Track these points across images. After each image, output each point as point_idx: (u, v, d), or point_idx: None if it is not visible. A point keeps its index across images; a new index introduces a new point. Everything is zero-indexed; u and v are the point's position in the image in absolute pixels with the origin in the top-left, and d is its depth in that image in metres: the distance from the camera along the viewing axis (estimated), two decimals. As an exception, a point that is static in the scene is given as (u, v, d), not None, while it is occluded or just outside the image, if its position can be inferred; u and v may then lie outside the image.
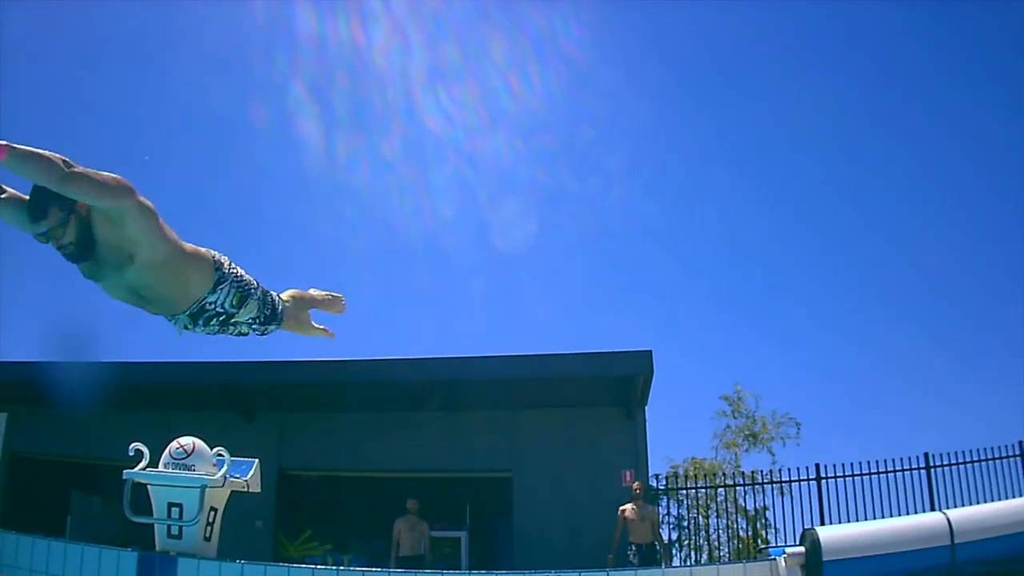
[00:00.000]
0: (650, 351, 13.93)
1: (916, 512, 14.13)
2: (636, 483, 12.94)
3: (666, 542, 12.95)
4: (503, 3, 31.67)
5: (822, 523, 14.57)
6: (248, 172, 36.08)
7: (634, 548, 12.29)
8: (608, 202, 34.80)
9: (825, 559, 8.88)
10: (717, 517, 17.96)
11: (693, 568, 10.52)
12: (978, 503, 13.79)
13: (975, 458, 14.88)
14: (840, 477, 15.30)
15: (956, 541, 8.93)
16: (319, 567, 9.48)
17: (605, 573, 9.25)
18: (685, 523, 18.05)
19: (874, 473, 15.10)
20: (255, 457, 10.20)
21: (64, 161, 3.29)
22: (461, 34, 31.93)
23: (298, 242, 36.95)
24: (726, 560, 16.34)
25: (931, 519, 9.43)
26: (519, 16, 30.86)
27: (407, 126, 32.74)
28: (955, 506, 13.79)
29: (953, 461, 14.98)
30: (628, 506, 12.54)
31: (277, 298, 4.42)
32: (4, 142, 3.09)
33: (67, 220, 3.45)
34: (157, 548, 9.11)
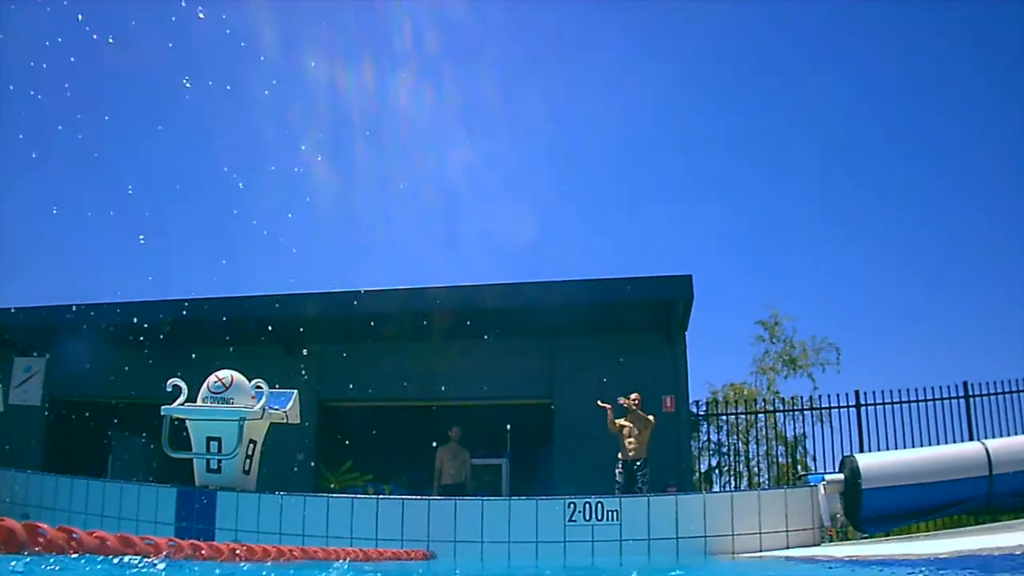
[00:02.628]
0: (690, 276, 13.77)
1: (954, 441, 14.04)
2: (633, 395, 11.88)
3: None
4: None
5: (861, 450, 14.50)
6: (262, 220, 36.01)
7: (621, 464, 11.59)
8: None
9: (864, 487, 8.81)
10: (756, 444, 17.91)
11: (734, 493, 10.47)
12: (1017, 433, 13.70)
13: (1015, 388, 14.72)
14: (879, 404, 15.23)
15: (994, 472, 8.84)
16: (359, 496, 9.54)
17: (646, 498, 9.19)
18: (725, 449, 18.03)
19: (913, 401, 15.03)
20: (296, 390, 10.23)
21: None
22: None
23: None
24: (766, 486, 16.33)
25: (970, 449, 9.31)
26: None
27: (435, 174, 32.42)
28: (994, 436, 13.68)
29: (992, 391, 14.84)
30: (621, 420, 11.80)
31: None
32: None
33: None
34: (197, 483, 9.18)
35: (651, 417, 11.81)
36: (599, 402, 11.72)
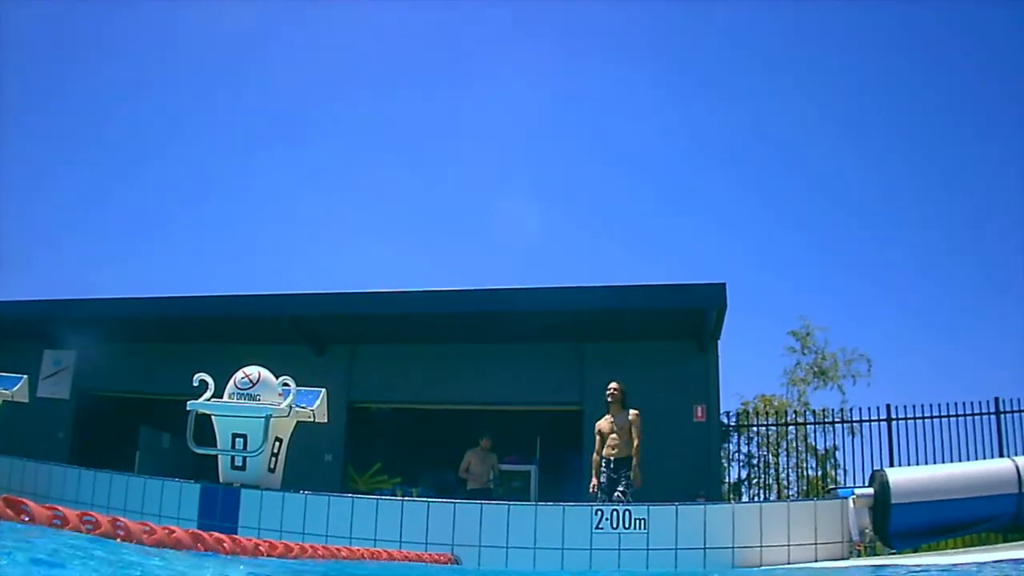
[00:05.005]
0: (723, 284, 13.61)
1: (985, 457, 13.92)
2: (612, 385, 11.30)
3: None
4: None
5: (891, 464, 14.40)
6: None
7: (603, 463, 10.96)
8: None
9: (893, 502, 8.71)
10: (787, 456, 17.77)
11: (763, 504, 10.34)
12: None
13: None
14: (911, 419, 15.16)
15: None
16: (383, 498, 9.49)
17: (674, 507, 9.08)
18: (755, 461, 17.90)
19: (944, 416, 14.98)
20: (324, 389, 10.19)
21: None
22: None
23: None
24: (795, 498, 16.17)
25: (1000, 466, 9.17)
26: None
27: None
28: (1024, 453, 13.53)
29: (1024, 407, 14.68)
30: (604, 419, 11.24)
31: None
32: None
33: None
34: (221, 480, 9.16)
35: (632, 413, 11.02)
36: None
